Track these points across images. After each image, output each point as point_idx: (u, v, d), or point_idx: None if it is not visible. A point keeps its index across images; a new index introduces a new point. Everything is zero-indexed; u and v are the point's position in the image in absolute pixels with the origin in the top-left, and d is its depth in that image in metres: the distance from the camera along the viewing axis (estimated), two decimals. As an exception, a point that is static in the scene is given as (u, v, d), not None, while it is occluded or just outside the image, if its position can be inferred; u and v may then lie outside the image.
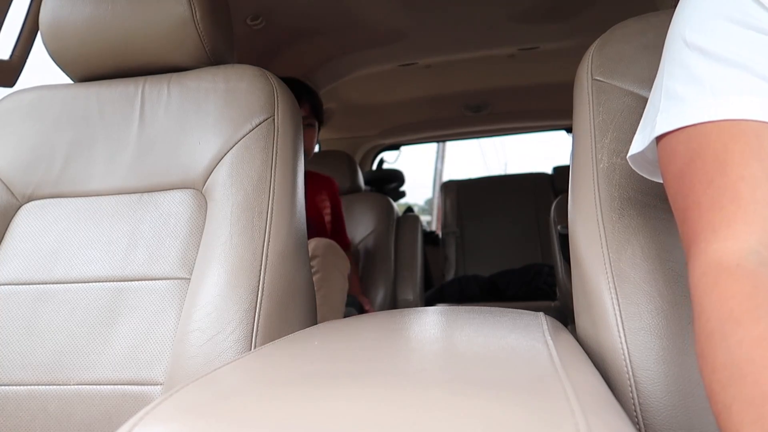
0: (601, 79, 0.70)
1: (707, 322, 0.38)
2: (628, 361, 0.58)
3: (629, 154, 0.55)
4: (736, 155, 0.43)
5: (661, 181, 0.52)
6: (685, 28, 0.51)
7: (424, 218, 4.43)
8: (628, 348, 0.58)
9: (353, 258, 1.86)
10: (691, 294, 0.42)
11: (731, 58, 0.46)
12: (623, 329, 0.59)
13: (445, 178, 3.59)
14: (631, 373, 0.57)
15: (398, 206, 2.51)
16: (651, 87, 0.66)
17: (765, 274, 0.38)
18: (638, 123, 0.65)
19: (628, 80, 0.68)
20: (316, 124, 1.76)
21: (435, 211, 3.21)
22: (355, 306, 1.62)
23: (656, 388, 0.56)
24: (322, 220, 1.75)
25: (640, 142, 0.53)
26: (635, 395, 0.56)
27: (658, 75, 0.54)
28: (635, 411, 0.56)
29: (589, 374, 0.41)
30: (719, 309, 0.38)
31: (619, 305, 0.60)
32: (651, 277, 0.59)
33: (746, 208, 0.41)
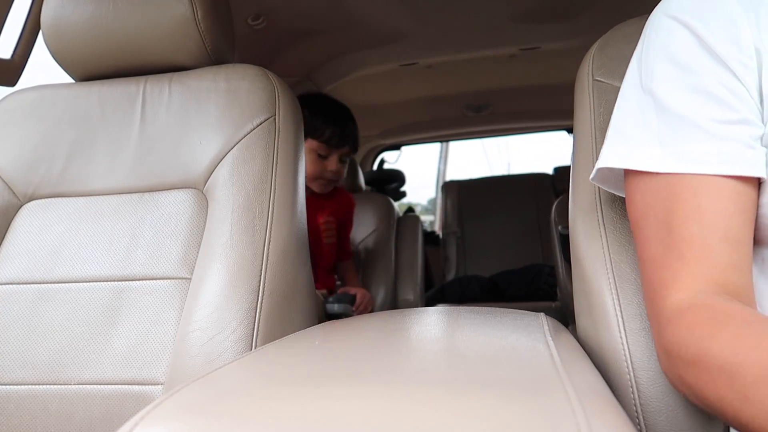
0: (602, 79, 0.70)
1: (687, 351, 0.44)
2: (629, 361, 0.58)
3: (590, 177, 0.59)
4: (678, 216, 0.48)
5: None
6: (640, 66, 0.55)
7: (428, 218, 4.42)
8: (629, 348, 0.58)
9: (353, 261, 1.85)
10: (665, 340, 0.47)
11: (674, 107, 0.50)
12: (624, 330, 0.59)
13: (448, 178, 3.59)
14: (632, 374, 0.57)
15: (399, 206, 2.51)
16: None
17: (718, 302, 0.44)
18: None
19: None
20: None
21: (438, 211, 3.21)
22: (350, 302, 1.61)
23: (657, 389, 0.56)
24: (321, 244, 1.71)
25: (593, 171, 0.58)
26: (636, 396, 0.56)
27: (618, 98, 0.58)
28: (636, 411, 0.56)
29: (590, 374, 0.41)
30: (695, 334, 0.44)
31: (620, 306, 0.60)
32: None
33: (690, 264, 0.47)
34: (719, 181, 0.47)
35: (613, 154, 0.54)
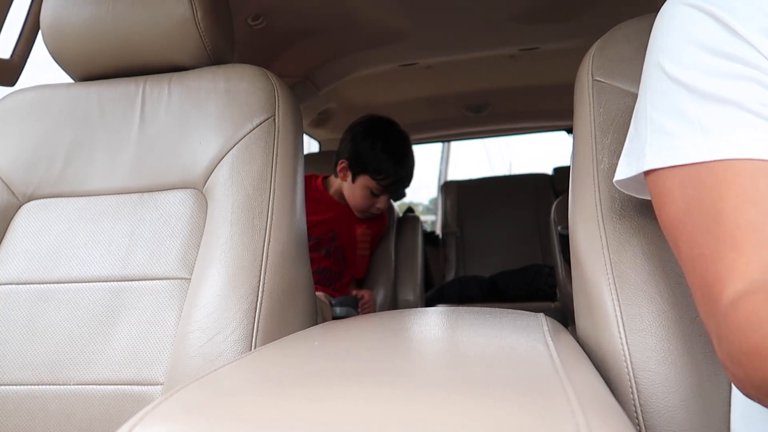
0: (601, 79, 0.70)
1: (747, 341, 0.40)
2: (629, 362, 0.58)
3: (615, 178, 0.56)
4: (731, 203, 0.44)
5: (650, 199, 0.53)
6: (660, 55, 0.52)
7: (429, 218, 4.42)
8: (629, 349, 0.58)
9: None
10: (724, 340, 0.43)
11: (714, 92, 0.47)
12: (624, 330, 0.59)
13: (450, 178, 3.58)
14: (631, 374, 0.57)
15: (399, 206, 2.50)
16: None
17: None
18: None
19: (628, 81, 0.68)
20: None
21: (438, 212, 3.21)
22: (353, 305, 1.61)
23: (657, 390, 0.56)
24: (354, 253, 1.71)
25: (626, 169, 0.54)
26: (636, 396, 0.56)
27: (639, 98, 0.54)
28: (636, 412, 0.56)
29: (589, 375, 0.41)
30: (751, 321, 0.40)
31: (620, 306, 0.60)
32: (652, 278, 0.59)
33: (745, 253, 0.43)
34: None
35: (656, 154, 0.50)
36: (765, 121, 0.45)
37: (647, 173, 0.51)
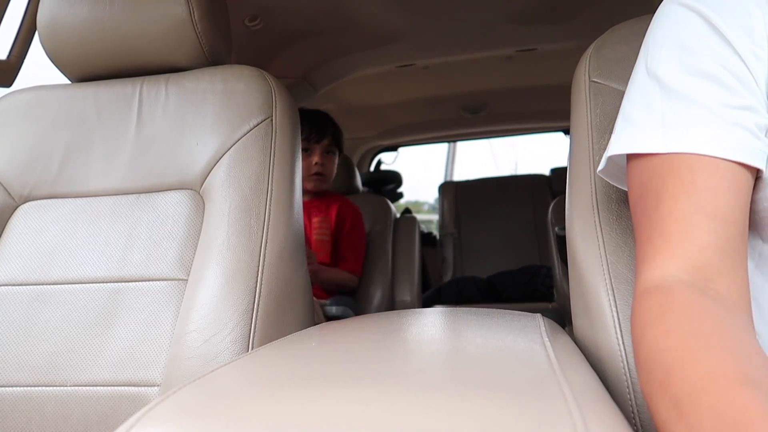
0: (598, 80, 0.70)
1: (633, 333, 0.44)
2: (625, 362, 0.58)
3: (598, 169, 0.58)
4: (669, 191, 0.47)
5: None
6: (646, 51, 0.55)
7: (434, 217, 4.42)
8: (626, 350, 0.58)
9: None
10: (631, 326, 0.46)
11: (681, 90, 0.49)
12: (621, 331, 0.59)
13: (456, 177, 3.59)
14: (629, 375, 0.57)
15: (397, 207, 2.51)
16: None
17: (677, 290, 0.43)
18: None
19: (625, 82, 0.68)
20: (337, 152, 1.85)
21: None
22: (349, 305, 1.61)
23: None
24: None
25: (602, 161, 0.57)
26: (633, 397, 0.56)
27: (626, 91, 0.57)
28: (633, 412, 0.56)
29: (586, 375, 0.41)
30: (638, 319, 0.44)
31: (616, 307, 0.60)
32: None
33: (670, 241, 0.46)
34: (718, 163, 0.46)
35: (618, 142, 0.53)
36: (726, 123, 0.47)
37: (627, 161, 0.54)
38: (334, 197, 1.86)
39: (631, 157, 0.53)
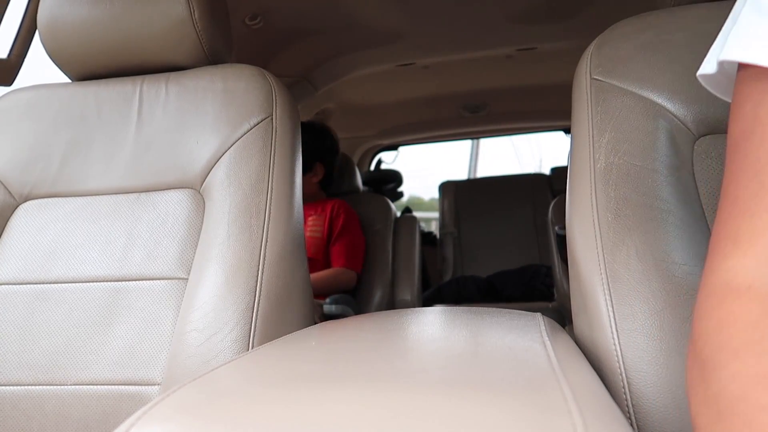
0: (599, 78, 0.70)
1: (702, 349, 0.33)
2: (621, 362, 0.58)
3: (700, 72, 0.42)
4: None
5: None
6: None
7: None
8: (621, 349, 0.58)
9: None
10: (693, 314, 0.35)
11: None
12: (616, 330, 0.59)
13: (479, 174, 3.60)
14: (624, 374, 0.57)
15: (397, 206, 2.51)
16: (650, 86, 0.66)
17: None
18: (636, 122, 0.66)
19: (626, 80, 0.68)
20: (316, 163, 1.83)
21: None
22: (349, 303, 1.62)
23: (649, 390, 0.56)
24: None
25: (712, 62, 0.40)
26: (628, 396, 0.56)
27: None
28: (628, 412, 0.56)
29: (586, 375, 0.41)
30: (717, 335, 0.32)
31: (612, 306, 0.60)
32: (645, 278, 0.59)
33: None
34: None
35: (741, 41, 0.36)
36: None
37: (740, 71, 0.38)
38: (330, 199, 1.88)
39: (745, 71, 0.36)
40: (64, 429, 0.73)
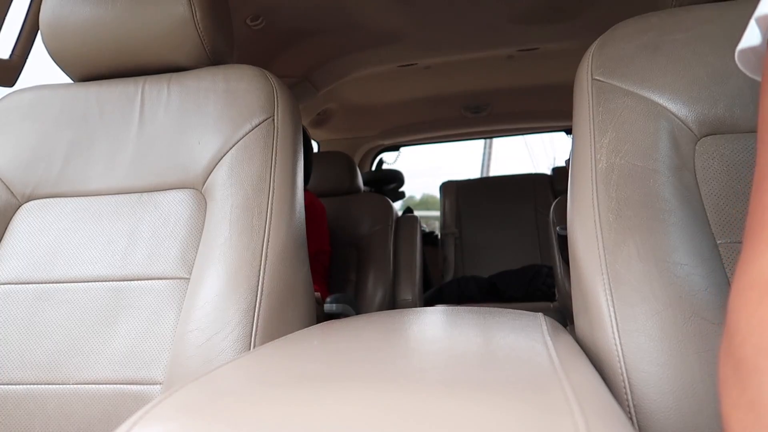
0: (601, 78, 0.70)
1: (740, 346, 0.30)
2: (622, 362, 0.58)
3: (738, 47, 0.38)
4: None
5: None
6: None
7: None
8: (622, 349, 0.58)
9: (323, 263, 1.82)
10: (729, 305, 0.33)
11: None
12: (618, 330, 0.59)
13: (492, 173, 3.59)
14: (625, 375, 0.57)
15: (412, 204, 2.51)
16: (651, 86, 0.66)
17: None
18: (638, 123, 0.66)
19: (628, 80, 0.68)
20: None
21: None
22: (350, 302, 1.61)
23: (650, 390, 0.56)
24: None
25: (752, 34, 0.37)
26: (629, 396, 0.56)
27: None
28: (630, 412, 0.56)
29: (588, 375, 0.41)
30: (760, 335, 0.29)
31: (613, 307, 0.60)
32: (646, 278, 0.59)
33: None
34: None
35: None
36: None
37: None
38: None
39: None
40: (66, 428, 0.73)
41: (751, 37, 0.37)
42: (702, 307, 0.57)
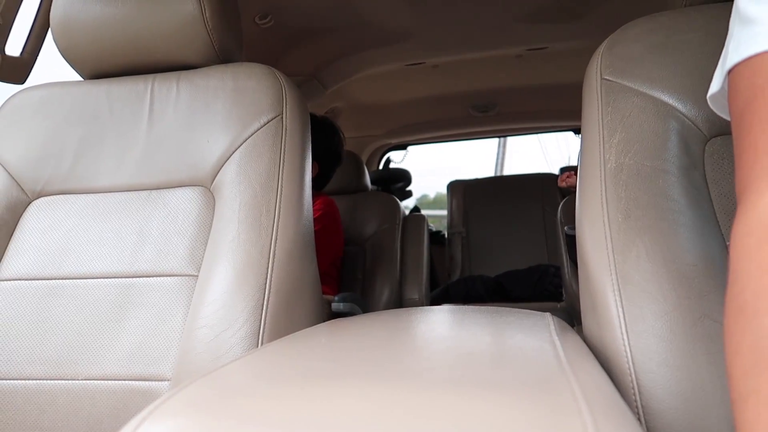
0: (610, 78, 0.69)
1: (740, 293, 0.32)
2: (630, 363, 0.57)
3: (708, 94, 0.47)
4: None
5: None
6: None
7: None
8: (630, 350, 0.58)
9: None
10: (730, 255, 0.35)
11: None
12: (626, 331, 0.58)
13: (506, 172, 3.58)
14: (633, 375, 0.57)
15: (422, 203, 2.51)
16: (661, 87, 0.66)
17: None
18: (647, 123, 0.65)
19: (637, 80, 0.67)
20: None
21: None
22: (357, 302, 1.61)
23: (658, 391, 0.56)
24: None
25: (716, 80, 0.45)
26: (638, 397, 0.56)
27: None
28: (638, 413, 0.56)
29: (596, 374, 0.40)
30: (758, 279, 0.31)
31: (622, 307, 0.60)
32: (655, 278, 0.59)
33: None
34: None
35: (736, 49, 0.42)
36: None
37: (729, 76, 0.43)
38: (317, 197, 1.82)
39: (738, 67, 0.41)
40: (75, 423, 0.73)
41: (715, 83, 0.45)
42: (711, 308, 0.56)
